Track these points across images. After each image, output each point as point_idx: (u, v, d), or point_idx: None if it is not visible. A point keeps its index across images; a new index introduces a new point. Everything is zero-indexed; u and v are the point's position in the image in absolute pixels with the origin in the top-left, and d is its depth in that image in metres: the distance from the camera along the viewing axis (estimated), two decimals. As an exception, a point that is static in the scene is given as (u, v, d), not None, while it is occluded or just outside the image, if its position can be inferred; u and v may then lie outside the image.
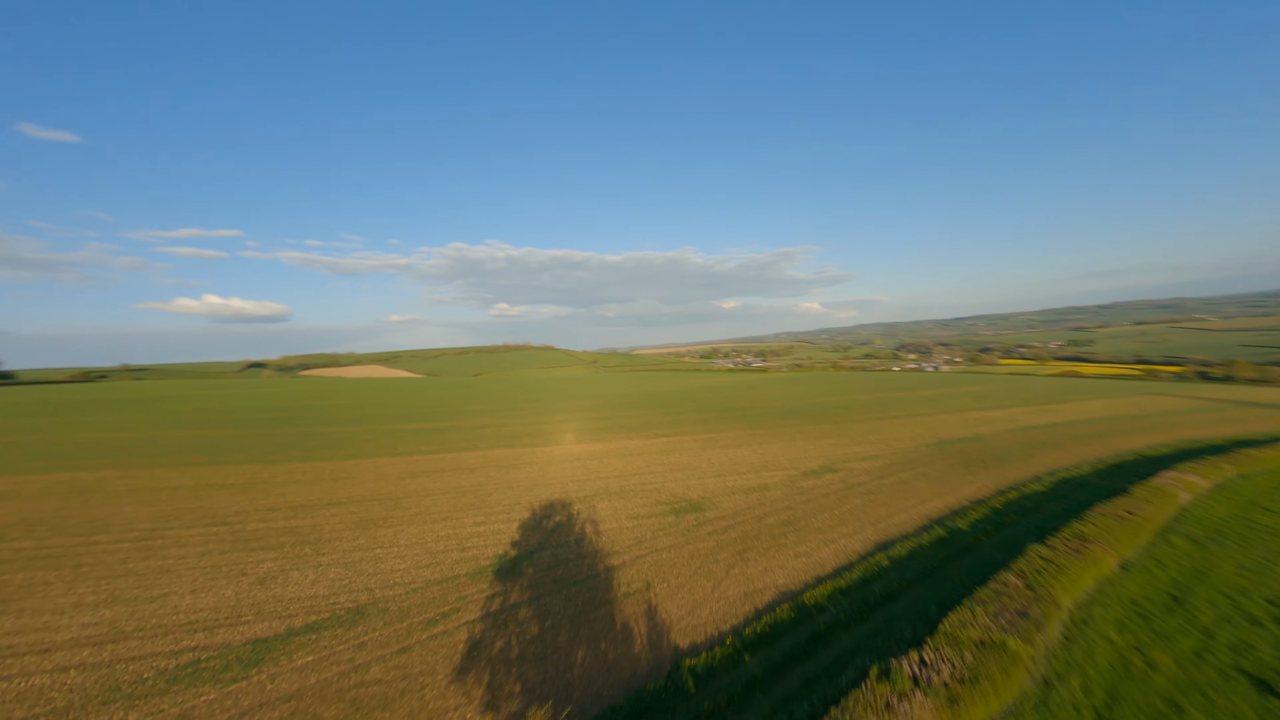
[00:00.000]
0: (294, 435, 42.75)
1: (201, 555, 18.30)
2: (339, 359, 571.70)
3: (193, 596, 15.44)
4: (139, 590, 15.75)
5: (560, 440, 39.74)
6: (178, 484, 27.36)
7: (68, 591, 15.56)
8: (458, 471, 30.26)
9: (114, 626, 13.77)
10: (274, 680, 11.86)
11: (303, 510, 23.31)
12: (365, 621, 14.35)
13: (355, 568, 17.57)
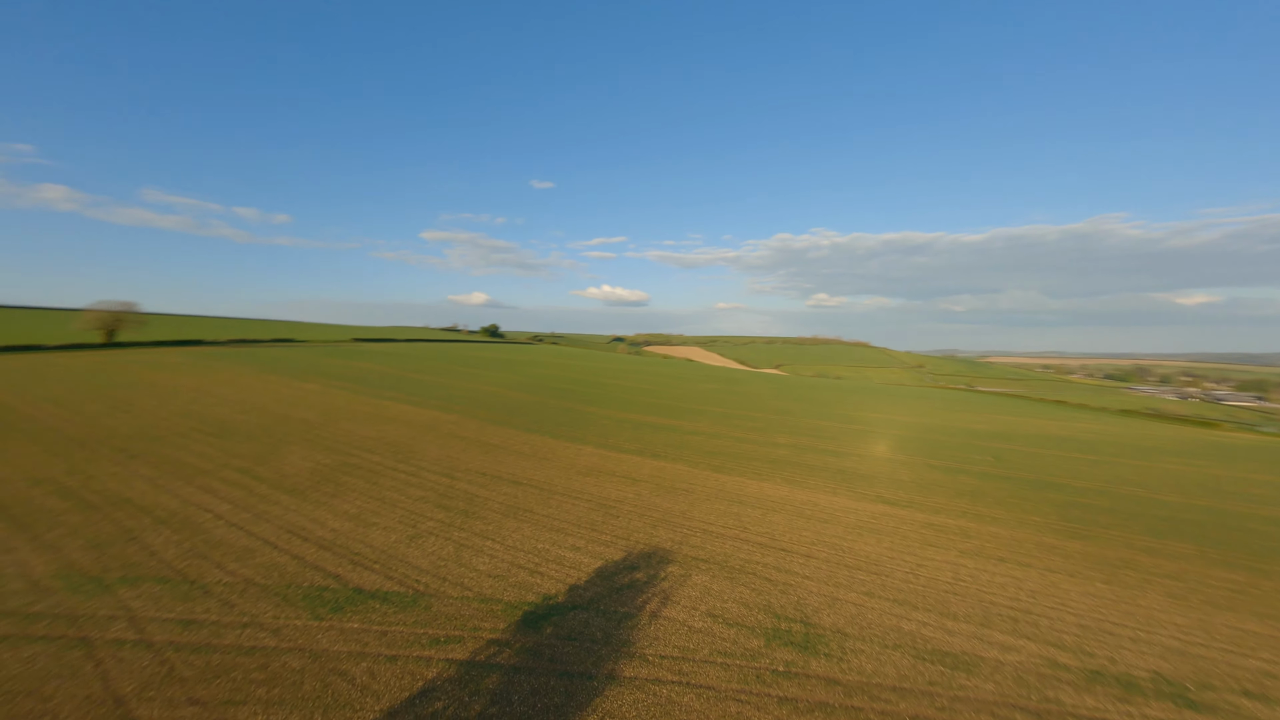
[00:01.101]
0: (553, 407, 53.86)
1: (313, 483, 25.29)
2: (670, 339, 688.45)
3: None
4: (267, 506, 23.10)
5: (779, 476, 34.23)
6: (425, 421, 39.00)
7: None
8: (622, 480, 30.58)
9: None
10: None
11: (458, 472, 28.86)
12: (364, 605, 16.13)
13: (417, 543, 20.19)
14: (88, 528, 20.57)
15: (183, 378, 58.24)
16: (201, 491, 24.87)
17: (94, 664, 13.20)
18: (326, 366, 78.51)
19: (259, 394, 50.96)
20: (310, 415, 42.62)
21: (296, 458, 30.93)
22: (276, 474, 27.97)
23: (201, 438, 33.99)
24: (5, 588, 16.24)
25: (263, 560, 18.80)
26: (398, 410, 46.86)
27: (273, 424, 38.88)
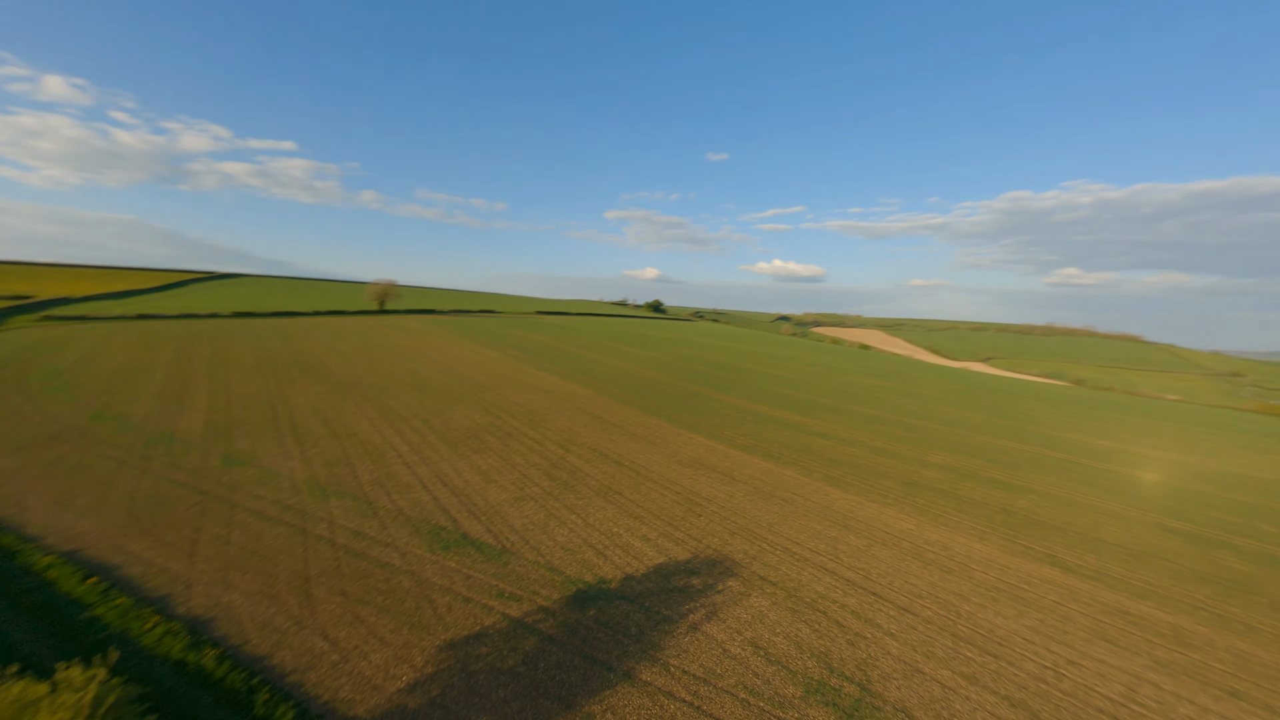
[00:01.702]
0: (681, 391, 54.50)
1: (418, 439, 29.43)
2: (845, 319, 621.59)
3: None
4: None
5: (911, 502, 29.76)
6: (564, 393, 42.98)
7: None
8: (719, 477, 30.04)
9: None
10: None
11: (573, 445, 31.48)
12: (464, 549, 19.31)
13: (518, 505, 22.97)
14: (330, 451, 29.62)
15: (413, 340, 77.27)
16: (396, 434, 33.23)
17: (302, 548, 19.39)
18: (507, 336, 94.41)
19: (455, 357, 64.46)
20: (482, 379, 52.27)
21: (461, 415, 38.62)
22: (444, 427, 35.50)
23: (409, 391, 44.98)
24: (279, 484, 24.72)
25: (414, 496, 24.49)
26: (547, 380, 54.01)
27: (455, 384, 49.00)
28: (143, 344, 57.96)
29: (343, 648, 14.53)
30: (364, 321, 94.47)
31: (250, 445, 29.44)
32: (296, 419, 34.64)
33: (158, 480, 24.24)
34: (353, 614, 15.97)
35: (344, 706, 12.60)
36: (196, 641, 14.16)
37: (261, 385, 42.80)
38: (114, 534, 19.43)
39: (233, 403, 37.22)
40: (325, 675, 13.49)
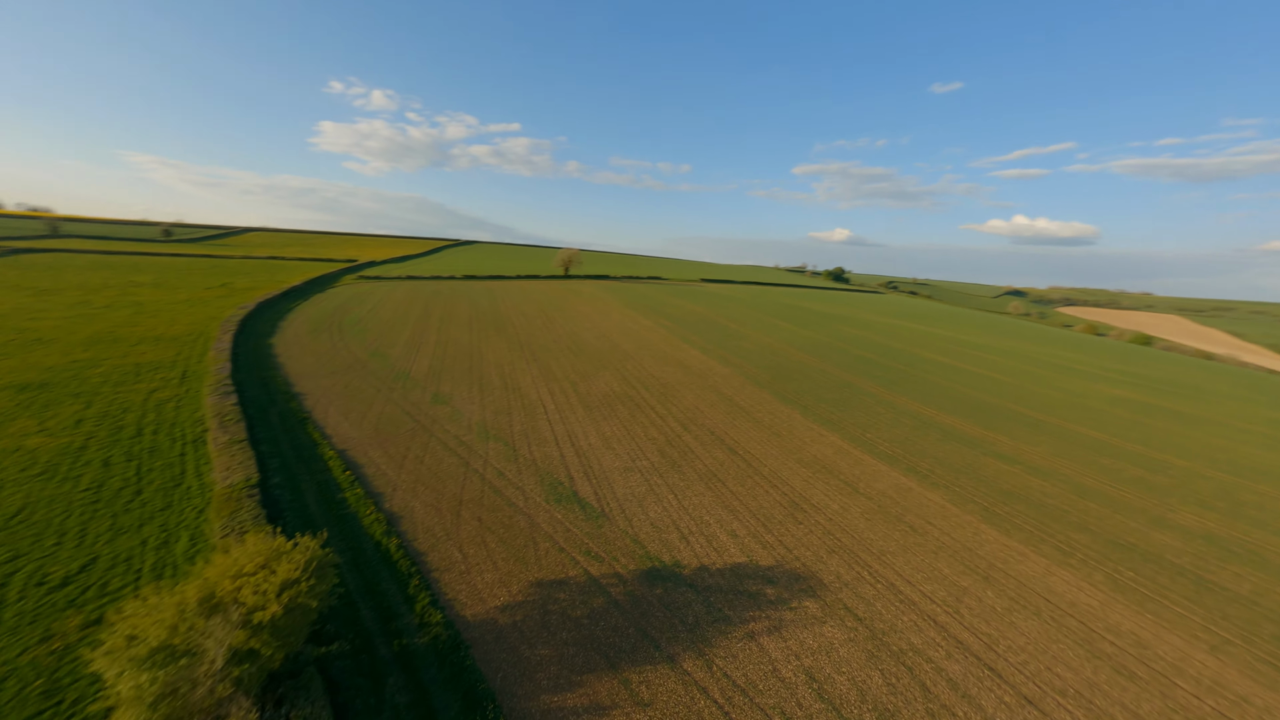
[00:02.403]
0: (831, 380, 49.31)
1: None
2: (1120, 297, 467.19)
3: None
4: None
5: (1112, 566, 23.23)
6: (701, 368, 43.00)
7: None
8: (840, 486, 27.57)
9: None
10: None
11: (693, 425, 31.95)
12: (570, 506, 22.21)
13: (626, 475, 24.89)
14: (499, 400, 36.79)
15: (583, 305, 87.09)
16: (548, 392, 39.18)
17: (463, 477, 25.33)
18: (665, 305, 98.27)
19: (613, 324, 70.74)
20: (630, 347, 56.59)
21: (603, 381, 43.10)
22: (586, 390, 40.31)
23: (567, 354, 51.79)
24: (460, 423, 32.14)
25: (547, 450, 29.12)
26: (688, 354, 55.47)
27: (606, 350, 54.31)
28: (405, 301, 79.27)
29: (469, 562, 19.11)
30: (549, 286, 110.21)
31: (450, 388, 38.59)
32: (483, 371, 43.69)
33: (394, 407, 34.07)
34: (481, 537, 20.63)
35: (459, 606, 16.85)
36: (389, 530, 20.42)
37: (468, 339, 54.71)
38: (364, 443, 28.49)
39: (447, 353, 48.76)
40: (453, 579, 18.09)
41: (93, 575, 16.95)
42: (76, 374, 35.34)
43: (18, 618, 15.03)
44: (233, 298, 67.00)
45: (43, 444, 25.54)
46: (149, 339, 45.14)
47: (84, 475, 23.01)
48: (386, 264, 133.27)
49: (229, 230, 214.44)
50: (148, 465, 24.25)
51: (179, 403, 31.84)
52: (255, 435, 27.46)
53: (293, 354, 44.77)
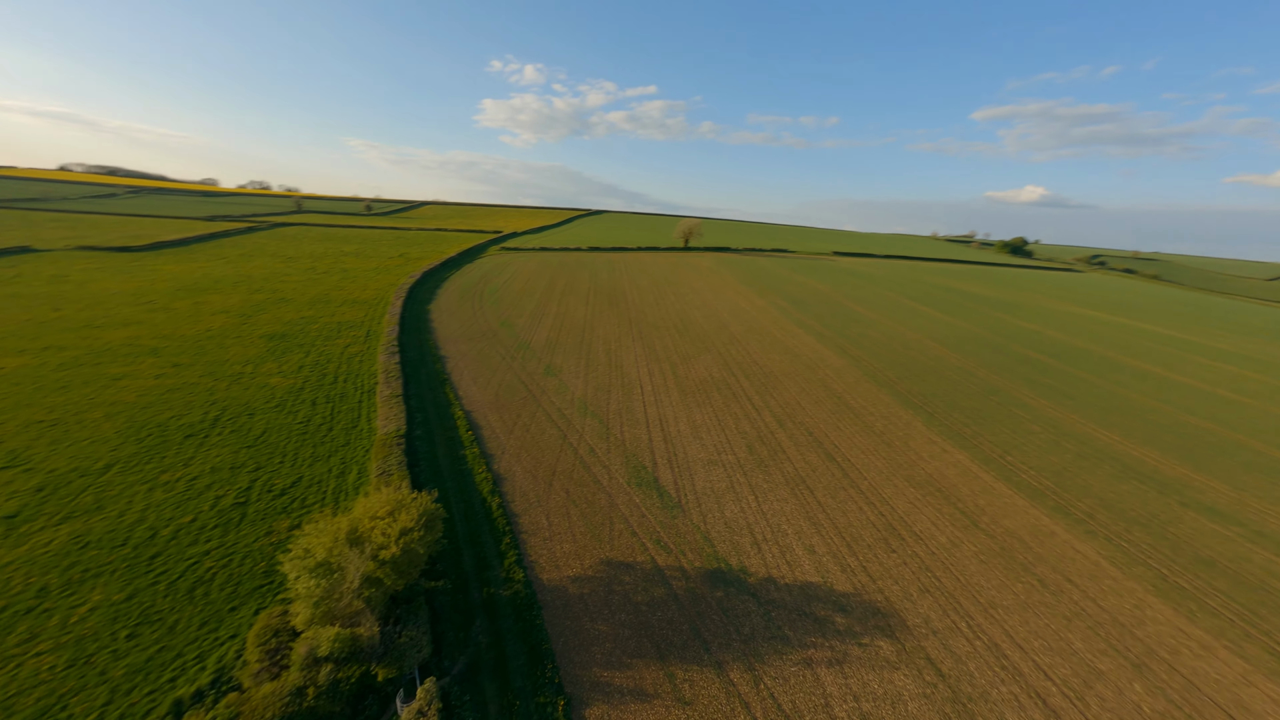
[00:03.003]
0: (975, 384, 41.77)
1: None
2: None
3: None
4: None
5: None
6: (811, 358, 39.70)
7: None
8: (954, 515, 24.14)
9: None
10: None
11: (789, 422, 30.10)
12: (649, 491, 23.05)
13: (708, 468, 24.78)
14: (602, 377, 39.18)
15: (697, 280, 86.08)
16: (647, 373, 40.47)
17: (559, 449, 27.97)
18: (785, 282, 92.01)
19: (724, 303, 68.97)
20: (738, 329, 54.90)
21: (703, 365, 42.91)
22: (685, 374, 40.63)
23: (672, 333, 52.34)
24: (565, 396, 35.12)
25: (637, 432, 30.46)
26: (800, 341, 51.89)
27: (712, 331, 53.53)
28: (535, 272, 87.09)
29: (553, 529, 21.44)
30: (667, 259, 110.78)
31: (561, 361, 42.14)
32: (592, 346, 46.61)
33: (513, 376, 38.53)
34: (566, 509, 22.88)
35: (538, 569, 19.19)
36: (494, 490, 23.78)
37: (583, 314, 58.51)
38: (486, 407, 33.01)
39: (563, 325, 52.93)
40: (537, 544, 20.54)
41: (298, 490, 23.04)
42: (303, 328, 46.71)
43: (256, 513, 21.29)
44: (406, 266, 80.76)
45: (279, 383, 34.71)
46: (348, 301, 57.23)
47: (300, 410, 30.86)
48: (525, 235, 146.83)
49: (411, 204, 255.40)
50: (338, 408, 31.49)
51: (362, 358, 40.24)
52: (408, 391, 33.61)
53: (443, 319, 52.87)
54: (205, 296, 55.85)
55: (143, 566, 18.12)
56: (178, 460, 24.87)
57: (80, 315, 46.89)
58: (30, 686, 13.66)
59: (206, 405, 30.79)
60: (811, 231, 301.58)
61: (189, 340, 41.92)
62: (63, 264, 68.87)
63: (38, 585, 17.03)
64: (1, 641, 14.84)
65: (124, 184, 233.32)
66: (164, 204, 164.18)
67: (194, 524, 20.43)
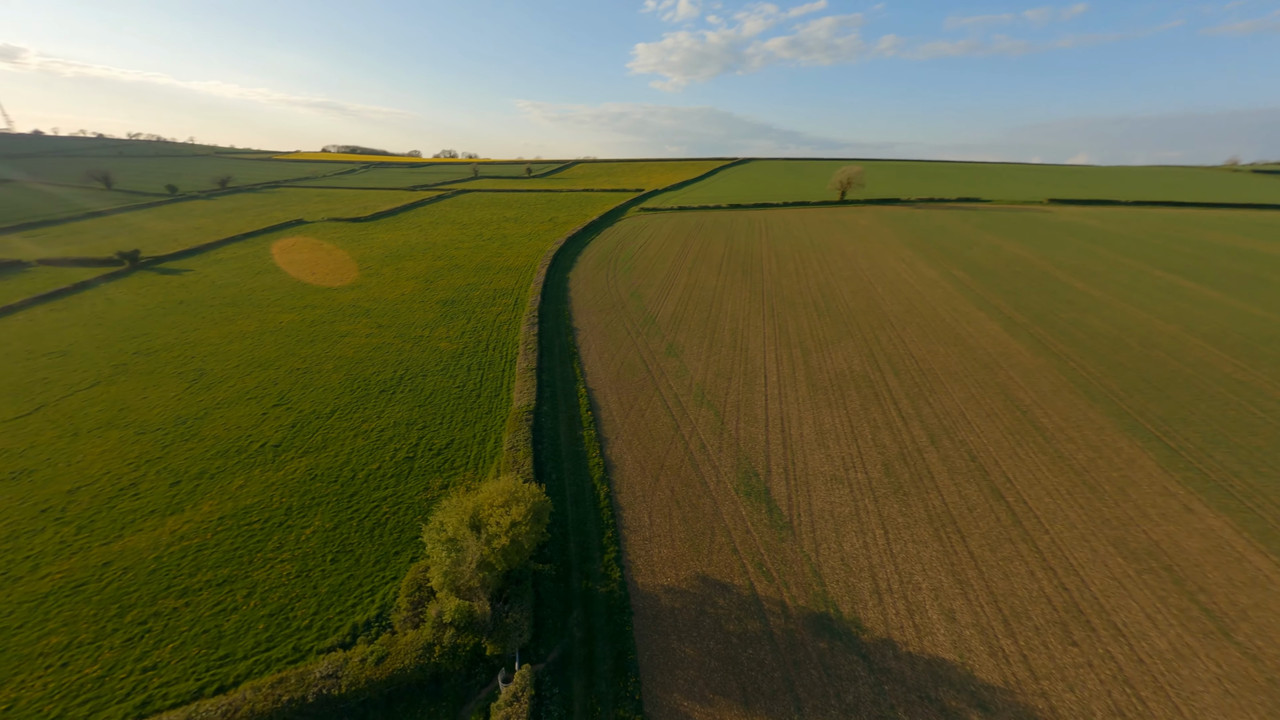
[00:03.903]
0: (1243, 405, 28.65)
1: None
2: None
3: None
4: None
5: None
6: (992, 355, 31.54)
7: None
8: (1196, 615, 17.66)
9: (792, 434, 27.65)
10: (727, 496, 23.38)
11: (944, 437, 24.64)
12: (760, 503, 21.40)
13: (827, 486, 21.82)
14: (724, 361, 37.36)
15: (850, 243, 75.00)
16: (774, 359, 37.25)
17: (669, 440, 27.73)
18: (969, 246, 74.28)
19: (881, 273, 59.04)
20: (894, 310, 46.74)
21: (841, 354, 37.81)
22: (817, 364, 36.36)
23: (810, 311, 46.95)
24: (683, 381, 34.46)
25: (753, 431, 28.54)
26: (977, 327, 41.96)
27: (860, 311, 46.54)
28: (670, 236, 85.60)
29: (653, 530, 21.62)
30: (818, 216, 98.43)
31: (684, 340, 41.27)
32: (718, 323, 44.54)
33: (635, 354, 39.10)
34: (669, 509, 22.79)
35: (634, 570, 19.63)
36: (604, 477, 24.82)
37: (713, 284, 56.01)
38: (607, 386, 34.25)
39: (691, 298, 51.48)
40: (637, 543, 20.96)
41: (450, 452, 27.17)
42: (467, 294, 53.96)
43: (419, 469, 25.79)
44: (554, 231, 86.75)
45: (446, 347, 40.92)
46: (504, 268, 64.05)
47: (458, 375, 36.04)
48: (667, 192, 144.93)
49: (564, 164, 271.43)
50: (486, 375, 35.92)
51: (509, 326, 44.96)
52: (541, 364, 36.60)
53: (579, 288, 55.82)
54: (403, 263, 68.02)
55: (345, 503, 23.51)
56: (373, 412, 31.32)
57: (327, 279, 61.24)
58: (275, 585, 19.02)
59: (395, 364, 37.95)
60: (1019, 171, 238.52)
61: (389, 303, 51.80)
62: (321, 233, 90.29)
63: (285, 505, 23.39)
64: (263, 547, 20.87)
65: (361, 160, 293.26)
66: (384, 177, 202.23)
67: (379, 471, 25.67)
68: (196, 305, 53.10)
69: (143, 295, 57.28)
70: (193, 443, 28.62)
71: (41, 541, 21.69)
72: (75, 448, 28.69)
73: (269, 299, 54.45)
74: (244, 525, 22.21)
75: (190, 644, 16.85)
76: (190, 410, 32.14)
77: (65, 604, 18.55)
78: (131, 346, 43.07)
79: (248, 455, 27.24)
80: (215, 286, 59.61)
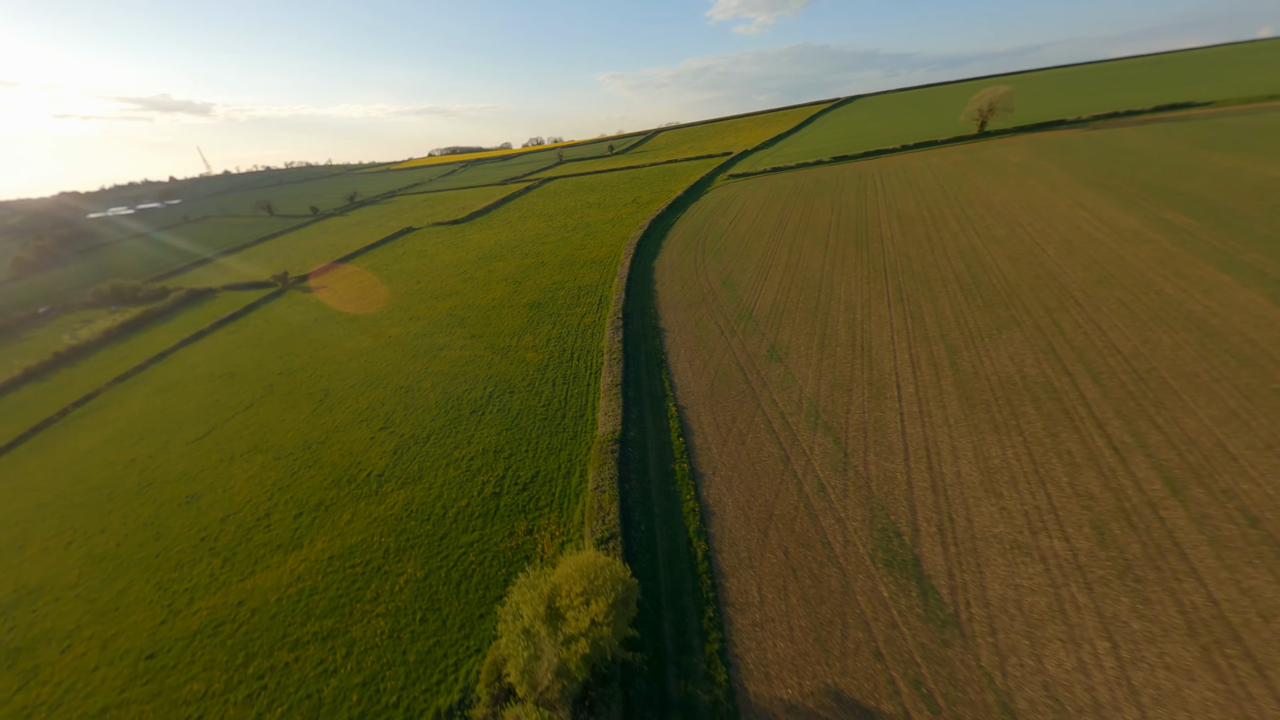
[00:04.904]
0: None
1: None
2: None
3: (985, 499, 19.75)
4: (997, 468, 20.98)
5: None
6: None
7: (997, 436, 22.58)
8: None
9: (945, 474, 21.26)
10: (859, 566, 18.34)
11: (1199, 478, 16.45)
12: (897, 555, 16.08)
13: (977, 556, 15.59)
14: (840, 366, 30.95)
15: (999, 188, 59.73)
16: (909, 362, 29.88)
17: (779, 478, 23.07)
18: (1185, 177, 54.32)
19: (1053, 228, 45.62)
20: (1080, 280, 35.30)
21: (1005, 350, 29.10)
22: (971, 367, 28.27)
23: (953, 288, 37.39)
24: (791, 395, 29.04)
25: (888, 467, 22.61)
26: (1227, 299, 29.49)
27: (1027, 285, 35.91)
28: (764, 204, 76.46)
29: (765, 611, 17.57)
30: (949, 158, 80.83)
31: (789, 338, 35.28)
32: (829, 314, 37.50)
33: (731, 358, 34.26)
34: (783, 580, 18.48)
35: (744, 673, 15.89)
36: (700, 529, 21.16)
37: (820, 262, 47.99)
38: (700, 401, 30.18)
39: (793, 282, 44.46)
40: (745, 629, 17.11)
41: (534, 488, 25.54)
42: (552, 294, 52.82)
43: (505, 507, 24.51)
44: (637, 214, 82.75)
45: (531, 358, 39.87)
46: (588, 262, 62.01)
47: (543, 391, 34.58)
48: (757, 152, 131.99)
49: (645, 135, 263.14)
50: (570, 390, 33.97)
51: (594, 330, 42.65)
52: (627, 377, 33.62)
53: (665, 279, 51.61)
54: (494, 264, 69.49)
55: (436, 546, 22.99)
56: (464, 437, 31.05)
57: (430, 287, 64.66)
58: (370, 646, 18.75)
59: (485, 380, 37.77)
60: (1246, 53, 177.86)
61: (481, 310, 52.66)
62: (426, 239, 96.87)
63: (384, 547, 23.55)
64: (362, 596, 20.95)
65: (460, 160, 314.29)
66: (478, 174, 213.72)
67: (468, 509, 24.91)
68: (327, 322, 59.22)
69: (289, 314, 65.67)
70: (314, 469, 30.74)
71: (198, 573, 24.34)
72: (230, 473, 32.53)
73: (382, 312, 58.81)
74: (349, 567, 22.70)
75: (294, 710, 17.04)
76: (315, 434, 34.88)
77: (207, 645, 20.22)
78: (278, 367, 48.94)
79: (355, 485, 28.38)
80: (341, 300, 66.22)
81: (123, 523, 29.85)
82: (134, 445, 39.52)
